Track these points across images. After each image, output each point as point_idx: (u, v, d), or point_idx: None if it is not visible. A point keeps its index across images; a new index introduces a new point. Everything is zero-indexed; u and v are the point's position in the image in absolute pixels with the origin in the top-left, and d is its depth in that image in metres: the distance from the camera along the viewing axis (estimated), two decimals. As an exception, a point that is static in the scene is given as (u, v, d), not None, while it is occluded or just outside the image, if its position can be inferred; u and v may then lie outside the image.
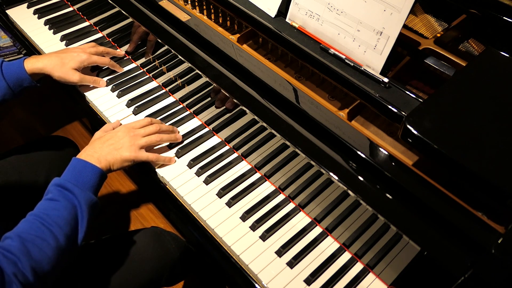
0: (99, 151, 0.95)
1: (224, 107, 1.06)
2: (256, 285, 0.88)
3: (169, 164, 1.04)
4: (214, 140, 1.10)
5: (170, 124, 1.13)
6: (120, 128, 1.03)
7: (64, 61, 1.13)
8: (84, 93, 1.21)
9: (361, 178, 0.82)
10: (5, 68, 1.07)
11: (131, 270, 1.04)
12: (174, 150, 1.07)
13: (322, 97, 0.97)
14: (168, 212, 1.00)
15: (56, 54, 1.14)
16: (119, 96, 1.20)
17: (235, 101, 1.00)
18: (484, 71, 0.83)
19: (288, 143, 0.92)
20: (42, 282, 0.78)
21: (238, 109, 1.02)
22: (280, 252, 0.90)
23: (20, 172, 1.18)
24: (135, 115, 1.16)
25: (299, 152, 0.90)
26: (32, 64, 1.09)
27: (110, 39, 1.35)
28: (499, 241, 0.68)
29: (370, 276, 0.88)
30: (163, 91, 1.21)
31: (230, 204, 0.97)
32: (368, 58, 0.88)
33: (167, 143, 1.08)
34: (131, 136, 0.99)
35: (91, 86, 1.21)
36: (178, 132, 1.10)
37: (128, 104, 1.18)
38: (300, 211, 0.97)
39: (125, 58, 1.29)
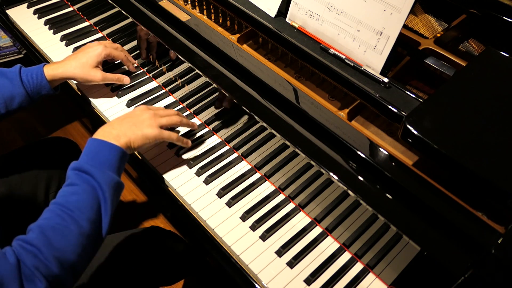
0: (118, 128, 0.89)
1: (223, 107, 1.06)
2: (256, 285, 0.88)
3: (187, 147, 1.04)
4: (214, 140, 1.10)
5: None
6: (137, 108, 0.98)
7: (82, 61, 1.08)
8: (84, 93, 1.21)
9: (361, 178, 0.82)
10: (24, 75, 1.03)
11: (131, 269, 1.04)
12: (174, 150, 1.07)
13: (322, 97, 0.97)
14: (168, 212, 1.00)
15: (73, 56, 1.10)
16: (119, 96, 1.20)
17: (235, 101, 1.00)
18: (484, 71, 0.83)
19: (288, 143, 0.92)
20: (69, 273, 0.73)
21: (238, 109, 1.02)
22: (280, 252, 0.90)
23: (21, 174, 1.18)
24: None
25: (299, 152, 0.90)
26: (52, 70, 1.05)
27: (110, 39, 1.35)
28: (499, 241, 0.68)
29: (370, 276, 0.88)
30: (163, 91, 1.21)
31: (230, 204, 0.97)
32: (368, 58, 0.88)
33: (175, 142, 1.03)
34: (152, 114, 0.95)
35: (94, 88, 1.20)
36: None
37: (128, 104, 1.17)
38: (300, 211, 0.97)
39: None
